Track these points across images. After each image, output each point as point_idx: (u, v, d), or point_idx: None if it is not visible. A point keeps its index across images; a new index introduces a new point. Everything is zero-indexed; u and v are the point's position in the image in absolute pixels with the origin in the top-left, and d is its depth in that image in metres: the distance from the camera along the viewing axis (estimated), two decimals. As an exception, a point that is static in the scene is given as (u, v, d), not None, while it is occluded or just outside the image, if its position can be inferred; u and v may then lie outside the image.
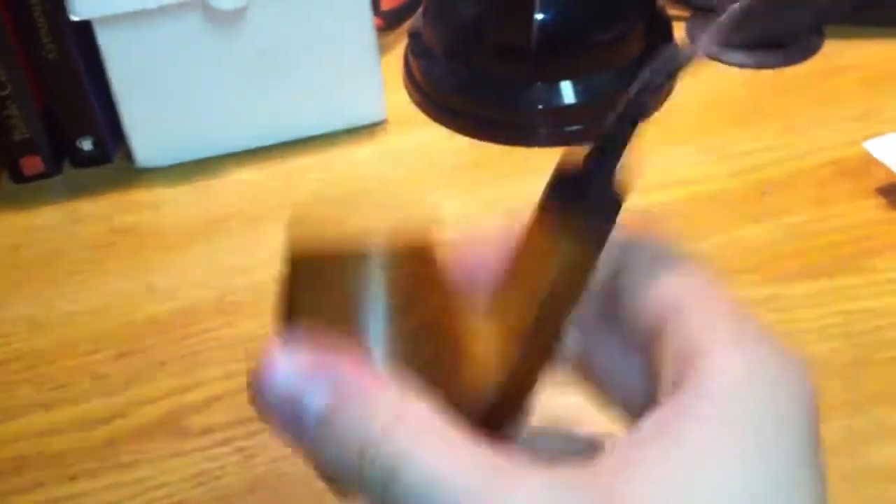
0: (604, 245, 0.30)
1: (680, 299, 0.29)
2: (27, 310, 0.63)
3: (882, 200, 0.65)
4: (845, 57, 0.78)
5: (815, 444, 0.27)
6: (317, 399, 0.27)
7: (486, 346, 0.29)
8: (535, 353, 0.30)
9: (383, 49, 0.79)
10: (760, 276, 0.61)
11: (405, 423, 0.27)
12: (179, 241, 0.67)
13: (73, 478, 0.54)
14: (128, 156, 0.73)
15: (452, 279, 0.30)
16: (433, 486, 0.26)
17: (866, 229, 0.64)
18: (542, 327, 0.30)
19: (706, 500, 0.25)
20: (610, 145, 0.30)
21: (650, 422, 0.27)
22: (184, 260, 0.66)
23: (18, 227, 0.69)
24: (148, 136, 0.71)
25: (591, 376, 0.33)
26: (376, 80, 0.73)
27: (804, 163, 0.69)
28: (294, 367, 0.28)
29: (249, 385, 0.29)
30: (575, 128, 0.72)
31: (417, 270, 0.29)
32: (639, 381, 0.30)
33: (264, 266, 0.65)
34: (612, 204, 0.30)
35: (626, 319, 0.30)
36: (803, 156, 0.69)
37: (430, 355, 0.28)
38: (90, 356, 0.60)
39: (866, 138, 0.69)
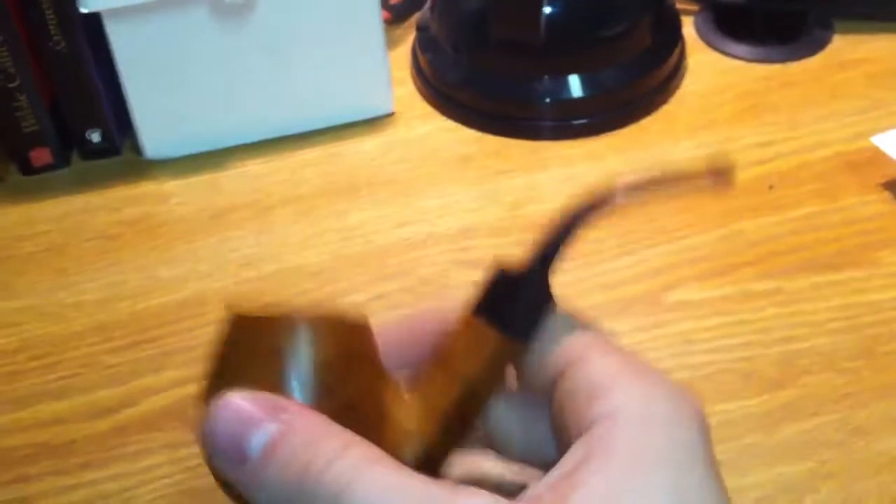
0: (531, 342, 0.32)
1: (579, 351, 0.31)
2: (36, 300, 0.63)
3: (888, 195, 0.65)
4: (853, 51, 0.78)
5: (713, 464, 0.29)
6: (262, 431, 0.28)
7: (407, 421, 0.31)
8: (452, 431, 0.31)
9: (391, 42, 0.79)
10: (763, 269, 0.61)
11: (353, 451, 0.28)
12: (187, 233, 0.67)
13: (81, 467, 0.54)
14: (136, 148, 0.73)
15: (379, 358, 0.31)
16: None
17: (872, 223, 0.64)
18: (461, 407, 0.31)
19: None
20: (548, 253, 0.32)
21: (566, 461, 0.28)
22: (191, 251, 0.66)
23: (27, 219, 0.69)
24: (156, 128, 0.72)
25: (496, 441, 0.35)
26: (384, 72, 0.73)
27: (811, 156, 0.69)
28: (238, 406, 0.28)
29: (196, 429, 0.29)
30: (582, 121, 0.73)
31: (346, 347, 0.30)
32: (540, 435, 0.33)
33: (272, 258, 0.65)
34: (544, 307, 0.32)
35: (528, 376, 0.33)
36: (810, 150, 0.69)
37: (354, 429, 0.29)
38: (98, 346, 0.60)
39: (874, 132, 0.69)
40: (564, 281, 0.34)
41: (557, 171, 0.70)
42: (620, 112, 0.73)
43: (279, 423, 0.28)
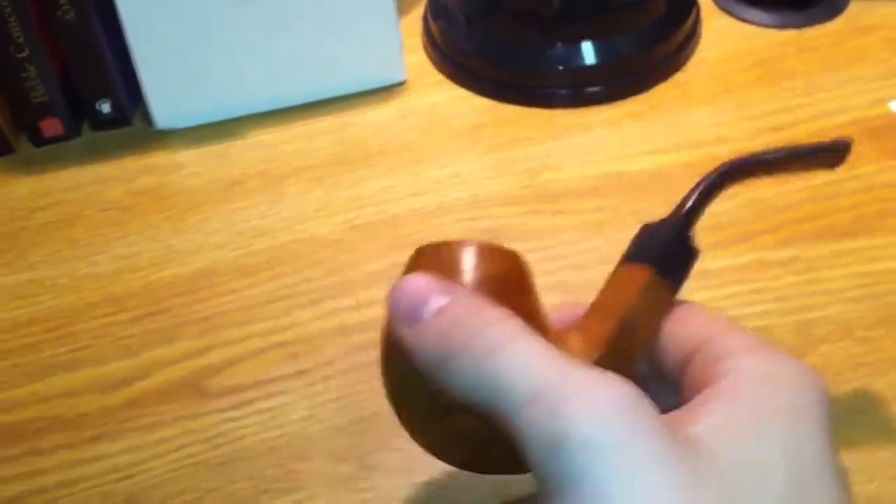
0: (680, 287, 0.35)
1: (707, 333, 0.33)
2: (48, 272, 0.63)
3: (906, 161, 0.65)
4: (871, 16, 0.77)
5: (831, 438, 0.30)
6: (436, 300, 0.32)
7: (567, 351, 0.33)
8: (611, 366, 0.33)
9: (402, 10, 0.78)
10: (781, 237, 0.61)
11: (511, 321, 0.31)
12: (199, 203, 0.67)
13: (94, 439, 0.54)
14: (146, 118, 0.73)
15: (537, 294, 0.34)
16: (521, 379, 0.29)
17: (890, 190, 0.63)
18: (620, 340, 0.33)
19: (757, 448, 0.29)
20: (691, 207, 0.36)
21: (695, 399, 0.31)
22: (204, 222, 0.66)
23: (39, 190, 0.69)
24: (167, 98, 0.71)
25: None
26: (395, 40, 0.73)
27: (828, 123, 0.68)
28: (421, 279, 0.33)
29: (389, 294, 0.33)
30: (595, 89, 0.72)
31: (509, 269, 0.34)
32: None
33: (284, 227, 0.65)
34: (691, 253, 0.36)
35: (661, 361, 0.35)
36: (827, 116, 0.69)
37: None
38: (111, 317, 0.60)
39: (892, 98, 0.68)
40: (583, 249, 0.34)
41: (571, 139, 0.69)
42: (634, 79, 0.73)
43: (451, 296, 0.32)
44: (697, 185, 0.37)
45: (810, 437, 0.29)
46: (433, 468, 0.50)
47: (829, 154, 0.39)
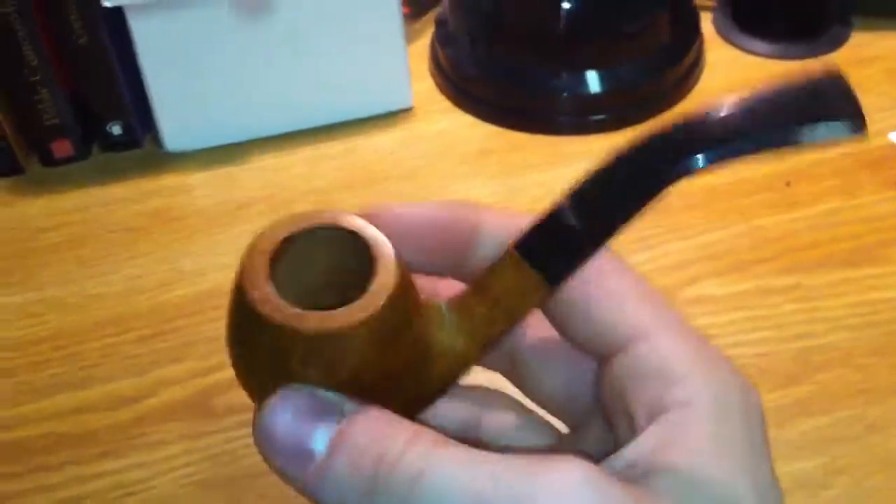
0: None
1: (646, 325, 0.31)
2: (58, 291, 0.64)
3: (905, 192, 0.65)
4: (873, 48, 0.78)
5: (768, 449, 0.30)
6: (324, 426, 0.27)
7: (450, 345, 0.31)
8: (479, 356, 0.32)
9: (410, 37, 0.79)
10: (782, 265, 0.61)
11: (423, 438, 0.27)
12: (207, 225, 0.68)
13: (101, 456, 0.55)
14: (156, 141, 0.73)
15: (416, 294, 0.30)
16: (456, 491, 0.26)
17: (889, 220, 0.64)
18: (500, 336, 0.32)
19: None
20: (595, 206, 0.31)
21: (644, 443, 0.29)
22: (211, 243, 0.66)
23: (49, 210, 0.70)
24: (177, 121, 0.72)
25: (523, 378, 0.35)
26: (403, 67, 0.74)
27: (828, 153, 0.69)
28: (295, 406, 0.28)
29: (254, 431, 0.28)
30: (600, 117, 0.73)
31: (393, 282, 0.29)
32: (577, 385, 0.33)
33: (290, 250, 0.65)
34: (580, 257, 0.31)
35: (580, 332, 0.32)
36: (827, 146, 0.69)
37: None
38: (119, 337, 0.61)
39: (892, 129, 0.69)
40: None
41: (577, 166, 0.69)
42: (638, 108, 0.73)
43: (342, 418, 0.27)
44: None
45: (766, 470, 0.29)
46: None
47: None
